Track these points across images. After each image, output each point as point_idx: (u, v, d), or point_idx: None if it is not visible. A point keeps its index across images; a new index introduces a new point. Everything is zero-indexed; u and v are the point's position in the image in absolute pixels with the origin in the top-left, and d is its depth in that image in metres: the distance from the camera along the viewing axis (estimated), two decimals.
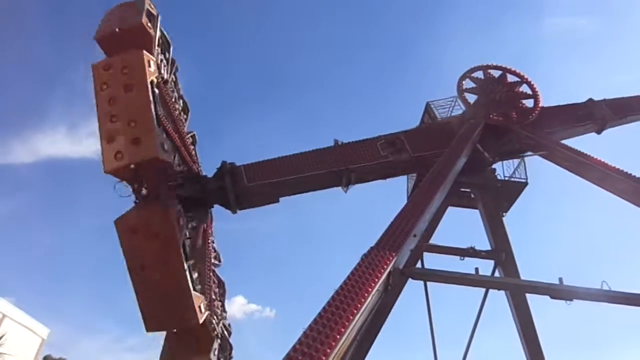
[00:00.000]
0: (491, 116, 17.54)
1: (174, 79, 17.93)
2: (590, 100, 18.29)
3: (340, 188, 17.06)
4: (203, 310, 12.46)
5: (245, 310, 70.07)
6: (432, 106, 19.39)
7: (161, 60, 15.58)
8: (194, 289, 13.08)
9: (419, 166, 17.49)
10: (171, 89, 16.71)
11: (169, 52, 17.10)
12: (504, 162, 18.14)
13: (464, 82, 18.37)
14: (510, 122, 17.63)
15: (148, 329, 11.92)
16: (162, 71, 15.45)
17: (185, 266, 12.11)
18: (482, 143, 16.76)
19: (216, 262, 19.47)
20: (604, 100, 18.32)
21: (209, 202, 17.02)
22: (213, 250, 19.13)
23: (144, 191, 12.53)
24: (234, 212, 17.27)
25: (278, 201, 17.72)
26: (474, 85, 18.52)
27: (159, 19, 15.19)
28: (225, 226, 21.45)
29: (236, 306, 67.09)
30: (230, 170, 16.56)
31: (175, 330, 13.08)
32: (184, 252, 12.53)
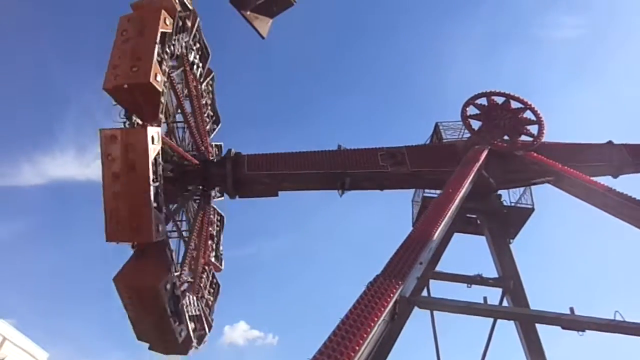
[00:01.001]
0: (495, 142, 17.53)
1: (210, 89, 20.61)
2: (610, 142, 18.13)
3: (343, 204, 17.66)
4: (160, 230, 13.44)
5: (248, 337, 68.79)
6: (440, 127, 19.57)
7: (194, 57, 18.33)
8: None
9: (415, 181, 18.23)
10: (204, 96, 19.78)
11: (207, 62, 19.70)
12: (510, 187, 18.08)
13: (468, 109, 18.46)
14: (515, 148, 17.60)
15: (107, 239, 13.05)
16: (192, 57, 18.14)
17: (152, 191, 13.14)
18: (487, 169, 16.69)
19: (217, 264, 20.96)
20: (625, 144, 18.06)
21: (209, 184, 18.54)
22: (212, 249, 20.77)
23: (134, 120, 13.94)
24: (232, 197, 18.68)
25: (277, 195, 18.75)
26: (478, 111, 18.59)
27: (198, 20, 17.09)
28: (227, 253, 21.75)
29: (238, 332, 65.97)
30: (234, 158, 17.97)
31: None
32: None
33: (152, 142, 13.56)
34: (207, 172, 18.15)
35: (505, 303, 16.29)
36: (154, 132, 13.68)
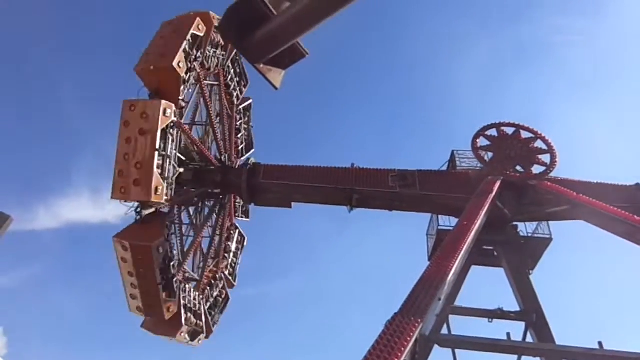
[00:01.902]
0: (508, 172, 17.43)
1: (247, 118, 22.97)
2: (638, 185, 17.85)
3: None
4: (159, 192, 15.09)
5: None
6: (457, 155, 19.67)
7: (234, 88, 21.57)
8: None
9: (424, 205, 18.56)
10: (238, 119, 22.26)
11: (245, 88, 22.28)
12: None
13: (478, 140, 18.48)
14: (528, 178, 17.47)
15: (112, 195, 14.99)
16: (229, 79, 21.01)
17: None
18: (501, 200, 16.55)
19: (230, 279, 22.41)
20: None
21: (227, 190, 20.27)
22: (229, 268, 22.40)
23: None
24: (247, 203, 20.83)
25: (290, 206, 19.92)
26: (489, 142, 18.61)
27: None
28: (236, 292, 21.97)
29: None
30: (252, 167, 19.62)
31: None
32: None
33: (164, 114, 15.22)
34: (225, 176, 19.63)
35: (528, 337, 15.74)
36: (168, 106, 15.46)
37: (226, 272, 22.18)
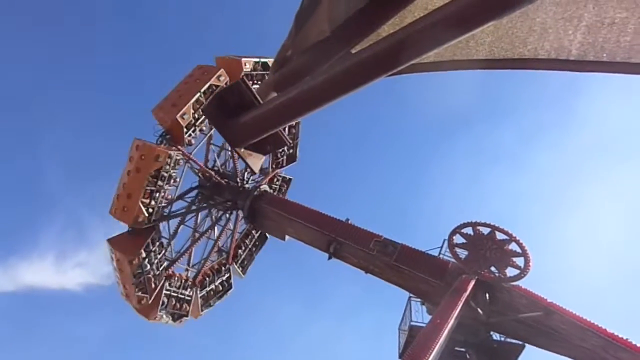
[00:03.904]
0: (482, 272, 17.42)
1: (292, 134, 26.82)
2: None
3: None
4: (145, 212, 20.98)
5: None
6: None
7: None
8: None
9: (393, 276, 19.04)
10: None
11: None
12: None
13: (454, 237, 18.66)
14: (502, 280, 17.43)
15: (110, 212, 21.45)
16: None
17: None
18: (475, 300, 16.34)
19: (239, 270, 27.16)
20: None
21: (234, 207, 25.11)
22: (239, 258, 27.12)
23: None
24: (247, 222, 25.02)
25: (284, 239, 22.78)
26: (465, 240, 18.79)
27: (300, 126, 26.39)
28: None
29: None
30: (259, 193, 23.64)
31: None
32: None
33: (156, 160, 19.74)
34: (233, 196, 24.37)
35: None
36: (161, 153, 19.89)
37: (236, 266, 26.60)
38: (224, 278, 25.99)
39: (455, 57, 3.30)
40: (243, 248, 27.04)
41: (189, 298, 23.51)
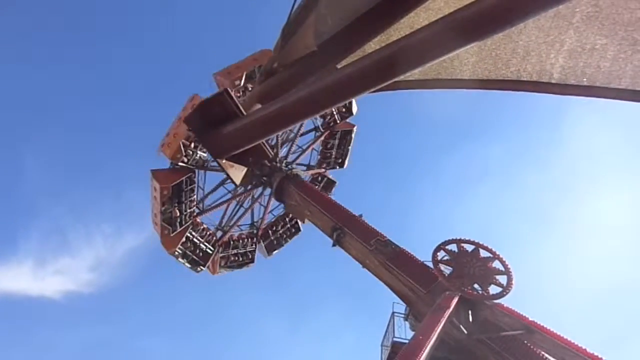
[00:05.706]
0: (466, 289, 17.44)
1: (346, 140, 30.83)
2: None
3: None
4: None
5: None
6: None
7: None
8: None
9: (383, 274, 19.62)
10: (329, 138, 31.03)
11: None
12: None
13: (438, 254, 18.69)
14: (485, 298, 17.47)
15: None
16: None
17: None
18: (458, 317, 16.31)
19: (264, 249, 29.25)
20: None
21: (268, 182, 28.21)
22: (267, 237, 29.62)
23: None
24: (275, 198, 27.88)
25: (303, 221, 26.92)
26: (448, 257, 18.83)
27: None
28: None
29: None
30: (291, 174, 27.07)
31: None
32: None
33: (154, 190, 23.80)
34: (269, 173, 27.58)
35: None
36: (157, 186, 23.72)
37: (262, 243, 28.82)
38: (249, 249, 28.26)
39: (440, 76, 3.33)
40: (274, 229, 29.41)
41: (209, 252, 26.07)
